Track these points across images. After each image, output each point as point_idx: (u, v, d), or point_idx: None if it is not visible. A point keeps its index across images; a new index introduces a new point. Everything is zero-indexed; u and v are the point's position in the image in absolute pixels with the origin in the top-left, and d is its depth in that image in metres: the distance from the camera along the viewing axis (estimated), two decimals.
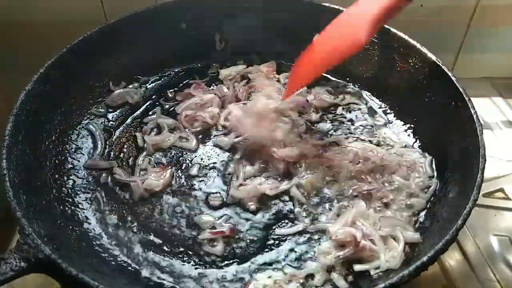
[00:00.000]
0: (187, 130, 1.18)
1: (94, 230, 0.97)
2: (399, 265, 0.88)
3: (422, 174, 1.07)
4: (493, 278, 1.02)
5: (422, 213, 1.00)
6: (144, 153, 1.12)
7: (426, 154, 1.11)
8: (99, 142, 1.14)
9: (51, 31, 1.34)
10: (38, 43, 1.30)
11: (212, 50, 1.38)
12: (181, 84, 1.31)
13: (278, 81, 1.31)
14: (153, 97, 1.28)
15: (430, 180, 1.06)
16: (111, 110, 1.24)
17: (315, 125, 1.21)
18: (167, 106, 1.25)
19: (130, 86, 1.29)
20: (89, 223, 0.99)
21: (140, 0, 1.31)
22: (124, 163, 1.10)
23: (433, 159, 1.10)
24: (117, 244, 0.95)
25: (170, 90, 1.29)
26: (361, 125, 1.22)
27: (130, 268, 0.92)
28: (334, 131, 1.20)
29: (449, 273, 1.05)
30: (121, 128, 1.19)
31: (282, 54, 1.37)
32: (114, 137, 1.17)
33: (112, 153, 1.13)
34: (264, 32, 1.34)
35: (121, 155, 1.12)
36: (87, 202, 1.02)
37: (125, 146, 1.14)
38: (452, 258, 1.07)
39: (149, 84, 1.32)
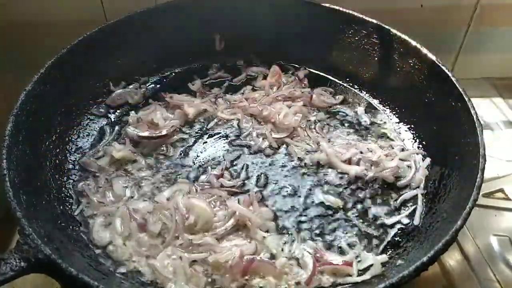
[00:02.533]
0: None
1: None
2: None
3: (421, 174, 1.07)
4: (493, 278, 1.02)
5: (422, 214, 1.01)
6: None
7: (426, 155, 1.12)
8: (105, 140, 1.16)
9: (51, 31, 1.34)
10: (38, 43, 1.30)
11: (212, 51, 1.37)
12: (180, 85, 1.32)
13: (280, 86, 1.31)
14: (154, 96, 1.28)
15: (428, 180, 1.06)
16: (111, 110, 1.24)
17: (315, 124, 1.21)
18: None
19: (131, 87, 1.29)
20: (89, 223, 0.98)
21: (140, 0, 1.31)
22: None
23: (433, 160, 1.10)
24: None
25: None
26: (360, 126, 1.22)
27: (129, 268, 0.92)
28: (334, 131, 1.20)
29: (449, 273, 1.04)
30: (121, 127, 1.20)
31: (281, 54, 1.37)
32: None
33: None
34: (263, 33, 1.33)
35: None
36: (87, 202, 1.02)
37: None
38: (452, 258, 1.07)
39: (149, 85, 1.32)
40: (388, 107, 1.27)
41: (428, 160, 1.10)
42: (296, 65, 1.38)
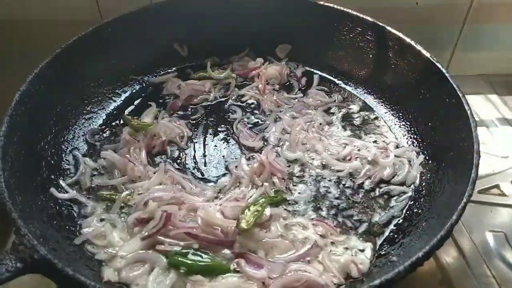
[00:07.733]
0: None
1: None
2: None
3: (415, 171, 1.08)
4: (488, 273, 1.02)
5: (417, 210, 1.01)
6: None
7: (420, 151, 1.12)
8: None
9: (45, 30, 1.33)
10: (33, 43, 1.30)
11: (206, 49, 1.37)
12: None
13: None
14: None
15: (423, 176, 1.07)
16: (106, 113, 1.24)
17: (312, 123, 1.21)
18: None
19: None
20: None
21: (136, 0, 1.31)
22: None
23: (427, 156, 1.10)
24: None
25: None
26: (355, 123, 1.22)
27: None
28: (330, 129, 1.20)
29: (445, 269, 1.05)
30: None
31: (269, 53, 1.38)
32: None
33: None
34: (258, 31, 1.34)
35: None
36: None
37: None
38: (448, 254, 1.07)
39: (145, 84, 1.32)
40: (383, 104, 1.27)
41: (422, 156, 1.11)
42: (291, 63, 1.38)
